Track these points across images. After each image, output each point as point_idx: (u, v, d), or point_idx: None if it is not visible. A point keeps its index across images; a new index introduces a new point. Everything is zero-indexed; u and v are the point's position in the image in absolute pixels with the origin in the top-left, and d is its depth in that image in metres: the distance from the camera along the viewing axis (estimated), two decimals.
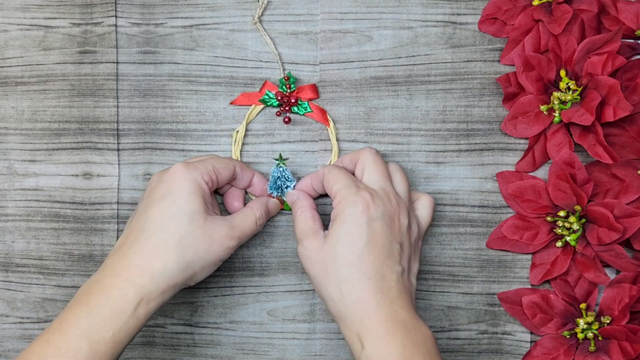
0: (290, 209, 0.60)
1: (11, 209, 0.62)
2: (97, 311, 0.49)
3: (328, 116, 0.61)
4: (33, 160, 0.62)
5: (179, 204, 0.52)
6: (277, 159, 0.60)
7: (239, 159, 0.61)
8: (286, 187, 0.60)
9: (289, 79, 0.60)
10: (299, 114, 0.61)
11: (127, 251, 0.51)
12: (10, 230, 0.62)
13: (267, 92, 0.60)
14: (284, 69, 0.61)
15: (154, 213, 0.52)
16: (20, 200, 0.62)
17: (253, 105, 0.61)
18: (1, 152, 0.62)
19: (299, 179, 0.60)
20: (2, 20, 0.62)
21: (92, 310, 0.49)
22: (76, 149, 0.62)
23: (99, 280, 0.51)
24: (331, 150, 0.61)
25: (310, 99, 0.61)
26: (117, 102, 0.62)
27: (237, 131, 0.61)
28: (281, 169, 0.60)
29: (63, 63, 0.62)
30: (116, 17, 0.61)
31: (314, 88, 0.60)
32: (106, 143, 0.62)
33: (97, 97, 0.62)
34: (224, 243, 0.53)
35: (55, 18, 0.62)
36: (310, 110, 0.60)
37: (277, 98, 0.60)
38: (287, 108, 0.60)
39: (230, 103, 0.61)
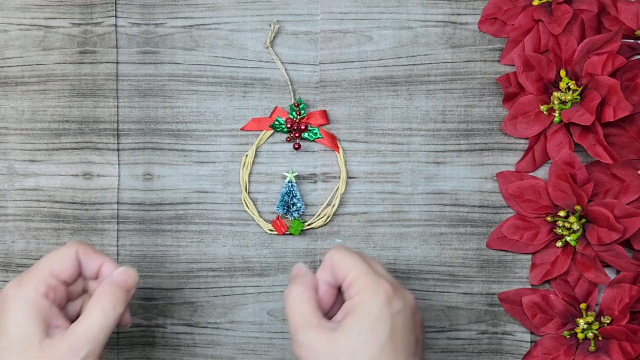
0: (295, 232, 0.60)
1: (11, 209, 0.62)
2: None
3: (338, 142, 0.61)
4: (33, 160, 0.62)
5: (9, 333, 0.45)
6: (287, 172, 0.60)
7: (247, 183, 0.61)
8: (292, 205, 0.60)
9: (299, 105, 0.60)
10: (309, 139, 0.61)
11: None
12: (10, 230, 0.62)
13: (277, 118, 0.60)
14: (294, 94, 0.61)
15: None
16: (20, 200, 0.62)
17: (263, 131, 0.61)
18: (1, 152, 0.62)
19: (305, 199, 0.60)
20: (2, 20, 0.62)
21: None
22: (76, 149, 0.62)
23: None
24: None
25: (320, 125, 0.61)
26: (117, 102, 0.62)
27: (247, 155, 0.61)
28: (290, 184, 0.60)
29: (63, 63, 0.62)
30: (116, 17, 0.61)
31: (324, 114, 0.61)
32: (106, 143, 0.62)
33: (97, 97, 0.62)
34: (70, 359, 0.45)
35: (55, 18, 0.62)
36: (320, 136, 0.60)
37: (287, 125, 0.60)
38: (297, 134, 0.60)
39: (241, 129, 0.61)
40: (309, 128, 0.61)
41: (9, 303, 0.46)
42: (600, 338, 0.59)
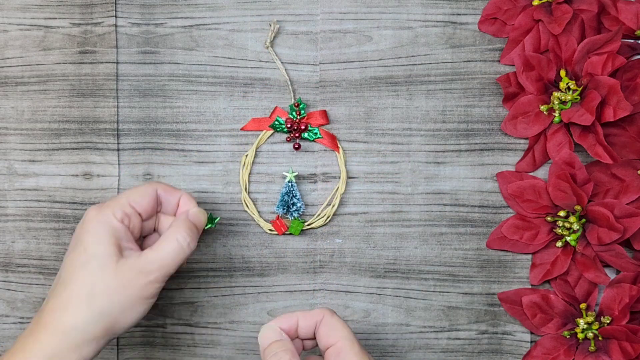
0: (295, 232, 0.60)
1: (11, 209, 0.62)
2: None
3: (338, 142, 0.61)
4: (33, 161, 0.62)
5: (88, 250, 0.49)
6: (287, 173, 0.60)
7: (247, 183, 0.61)
8: (292, 205, 0.60)
9: (299, 105, 0.60)
10: (309, 139, 0.61)
11: (45, 306, 0.49)
12: (10, 231, 0.62)
13: (278, 118, 0.60)
14: (294, 94, 0.61)
15: (67, 263, 0.49)
16: (20, 201, 0.62)
17: (263, 131, 0.61)
18: (1, 152, 0.62)
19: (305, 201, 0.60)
20: (2, 20, 0.62)
21: None
22: (76, 149, 0.62)
23: (19, 339, 0.49)
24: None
25: (321, 125, 0.61)
26: (117, 102, 0.62)
27: (246, 155, 0.61)
28: (290, 184, 0.60)
29: (63, 63, 0.62)
30: (116, 17, 0.61)
31: (324, 114, 0.61)
32: (106, 143, 0.62)
33: (97, 97, 0.62)
34: (140, 280, 0.49)
35: (55, 18, 0.62)
36: (320, 136, 0.60)
37: (287, 125, 0.60)
38: (297, 134, 0.60)
39: (241, 129, 0.61)
40: (309, 128, 0.61)
41: (89, 223, 0.49)
42: (600, 338, 0.59)
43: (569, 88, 0.58)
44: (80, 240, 0.49)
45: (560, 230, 0.59)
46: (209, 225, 0.55)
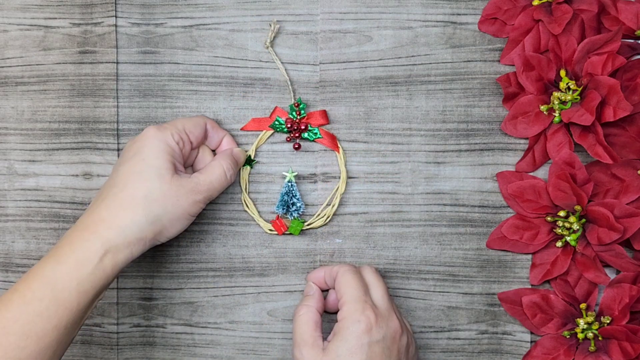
0: (295, 232, 0.60)
1: (11, 209, 0.62)
2: (63, 261, 0.50)
3: (338, 142, 0.61)
4: (33, 160, 0.62)
5: (147, 160, 0.53)
6: (286, 173, 0.60)
7: (247, 182, 0.61)
8: (292, 205, 0.60)
9: (299, 105, 0.60)
10: (309, 139, 0.61)
11: (97, 206, 0.52)
12: (10, 231, 0.62)
13: (277, 118, 0.60)
14: (294, 94, 0.61)
15: (123, 170, 0.53)
16: (20, 201, 0.62)
17: (263, 131, 0.61)
18: (1, 152, 0.62)
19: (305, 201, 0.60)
20: (2, 20, 0.62)
21: (58, 261, 0.50)
22: (76, 149, 0.62)
23: (68, 234, 0.52)
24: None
25: (320, 125, 0.61)
26: (117, 102, 0.62)
27: (247, 155, 0.61)
28: (290, 184, 0.60)
29: (63, 63, 0.62)
30: (116, 17, 0.61)
31: (324, 114, 0.61)
32: (106, 143, 0.62)
33: (97, 97, 0.62)
34: (190, 197, 0.53)
35: (55, 18, 0.62)
36: (320, 136, 0.60)
37: (287, 125, 0.60)
38: (297, 134, 0.60)
39: (241, 129, 0.61)
40: (309, 128, 0.61)
41: (150, 139, 0.54)
42: (600, 338, 0.59)
43: (569, 88, 0.58)
44: (139, 152, 0.53)
45: (560, 230, 0.59)
46: (247, 165, 0.60)
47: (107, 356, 0.62)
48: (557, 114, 0.59)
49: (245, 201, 0.61)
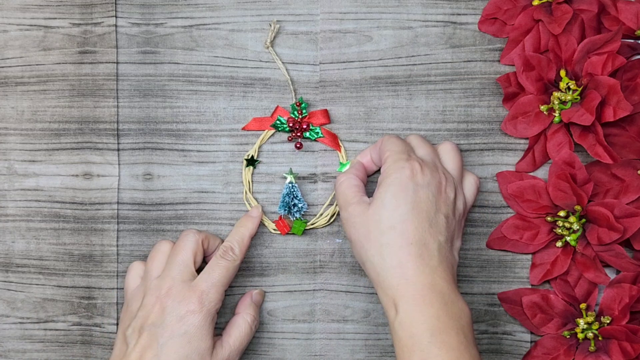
0: (298, 233, 0.60)
1: (11, 209, 0.62)
2: None
3: (339, 141, 0.61)
4: (33, 161, 0.62)
5: (194, 344, 0.53)
6: (287, 174, 0.60)
7: (250, 182, 0.61)
8: (294, 206, 0.60)
9: (300, 105, 0.60)
10: (311, 139, 0.61)
11: None
12: (10, 231, 0.62)
13: (279, 117, 0.60)
14: (295, 94, 0.61)
15: (170, 350, 0.52)
16: (20, 201, 0.62)
17: (265, 131, 0.61)
18: (1, 152, 0.62)
19: (308, 202, 0.60)
20: (2, 20, 0.62)
21: None
22: (76, 149, 0.62)
23: None
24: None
25: (322, 124, 0.61)
26: (117, 102, 0.62)
27: (249, 155, 0.61)
28: (291, 185, 0.60)
29: (63, 63, 0.62)
30: (116, 17, 0.61)
31: (326, 113, 0.61)
32: (106, 143, 0.62)
33: (97, 97, 0.62)
34: None
35: (55, 18, 0.62)
36: (321, 135, 0.60)
37: (288, 124, 0.60)
38: (298, 134, 0.60)
39: (242, 129, 0.61)
40: (311, 127, 0.61)
41: (198, 318, 0.53)
42: (600, 338, 0.59)
43: (569, 88, 0.58)
44: (186, 333, 0.53)
45: (560, 230, 0.59)
46: (250, 166, 0.61)
47: (107, 356, 0.62)
48: (557, 114, 0.59)
49: (248, 201, 0.61)
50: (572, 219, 0.58)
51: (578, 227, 0.58)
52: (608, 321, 0.59)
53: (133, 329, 0.54)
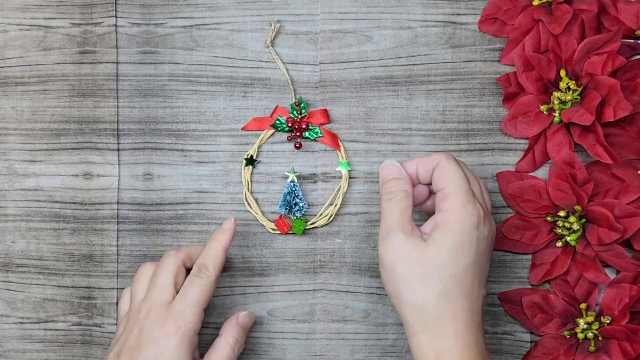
0: (298, 232, 0.60)
1: (11, 209, 0.62)
2: None
3: (339, 141, 0.61)
4: (33, 161, 0.62)
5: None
6: (289, 172, 0.60)
7: (250, 182, 0.61)
8: (295, 205, 0.60)
9: (299, 104, 0.60)
10: (310, 139, 0.61)
11: None
12: (10, 231, 0.62)
13: (278, 117, 0.60)
14: (295, 94, 0.61)
15: None
16: (20, 201, 0.62)
17: (264, 131, 0.61)
18: (1, 152, 0.62)
19: (308, 202, 0.60)
20: (2, 20, 0.62)
21: None
22: (76, 149, 0.62)
23: None
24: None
25: (322, 124, 0.61)
26: (117, 102, 0.62)
27: (249, 154, 0.61)
28: (292, 184, 0.60)
29: (63, 63, 0.62)
30: (116, 17, 0.61)
31: (325, 113, 0.61)
32: (106, 143, 0.62)
33: (97, 97, 0.62)
34: None
35: (55, 18, 0.62)
36: (321, 135, 0.60)
37: (287, 124, 0.60)
38: (298, 134, 0.60)
39: (242, 129, 0.61)
40: (310, 127, 0.61)
41: (175, 347, 0.52)
42: (600, 338, 0.59)
43: (569, 88, 0.58)
44: (162, 354, 0.52)
45: (560, 230, 0.59)
46: (249, 166, 0.60)
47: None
48: (557, 114, 0.59)
49: (247, 201, 0.61)
50: (572, 219, 0.58)
51: (578, 227, 0.58)
52: (608, 321, 0.59)
53: (114, 354, 0.53)
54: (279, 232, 0.61)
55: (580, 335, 0.59)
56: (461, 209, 0.49)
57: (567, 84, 0.58)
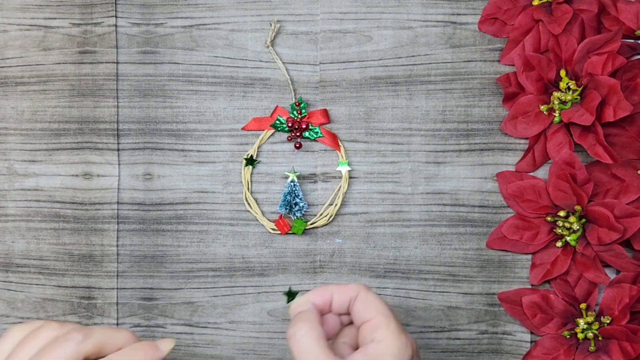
0: (298, 232, 0.60)
1: (11, 209, 0.62)
2: None
3: (339, 141, 0.61)
4: (33, 161, 0.62)
5: None
6: (289, 172, 0.60)
7: (250, 182, 0.61)
8: (295, 204, 0.60)
9: (299, 104, 0.60)
10: (310, 139, 0.61)
11: None
12: (10, 231, 0.62)
13: (278, 117, 0.60)
14: (295, 94, 0.61)
15: None
16: (20, 201, 0.62)
17: (264, 131, 0.61)
18: (1, 152, 0.62)
19: (308, 201, 0.60)
20: (2, 20, 0.62)
21: None
22: (76, 149, 0.62)
23: None
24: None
25: (321, 124, 0.61)
26: (117, 102, 0.62)
27: (249, 154, 0.61)
28: (292, 183, 0.60)
29: (63, 63, 0.62)
30: (116, 17, 0.61)
31: (325, 113, 0.61)
32: (106, 143, 0.62)
33: (97, 97, 0.62)
34: None
35: (55, 18, 0.62)
36: (321, 135, 0.61)
37: (287, 124, 0.60)
38: (298, 134, 0.60)
39: (242, 128, 0.61)
40: (310, 127, 0.61)
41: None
42: (600, 338, 0.59)
43: (569, 88, 0.58)
44: None
45: (560, 230, 0.59)
46: (249, 165, 0.59)
47: None
48: (557, 114, 0.59)
49: (247, 200, 0.61)
50: (572, 219, 0.58)
51: (578, 227, 0.58)
52: (608, 321, 0.59)
53: None
54: (279, 232, 0.61)
55: (580, 335, 0.59)
56: (396, 340, 0.46)
57: (567, 84, 0.58)
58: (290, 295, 0.57)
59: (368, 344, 0.46)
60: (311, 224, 0.61)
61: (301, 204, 0.60)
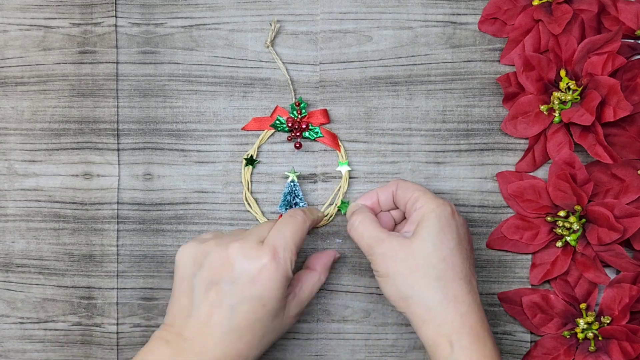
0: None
1: (11, 209, 0.62)
2: None
3: (339, 141, 0.61)
4: (33, 161, 0.62)
5: (268, 306, 0.50)
6: (289, 172, 0.60)
7: (250, 182, 0.61)
8: (295, 205, 0.60)
9: (299, 104, 0.60)
10: (310, 139, 0.61)
11: (212, 348, 0.50)
12: (10, 231, 0.62)
13: (278, 117, 0.60)
14: (295, 94, 0.61)
15: (243, 314, 0.50)
16: (20, 201, 0.62)
17: (264, 131, 0.61)
18: (1, 152, 0.62)
19: (308, 202, 0.60)
20: (2, 20, 0.62)
21: None
22: (76, 149, 0.62)
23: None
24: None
25: (322, 124, 0.61)
26: (117, 102, 0.62)
27: (249, 154, 0.61)
28: (292, 184, 0.60)
29: (63, 63, 0.62)
30: (116, 17, 0.61)
31: (325, 113, 0.61)
32: (106, 143, 0.62)
33: (97, 97, 0.62)
34: (294, 321, 0.54)
35: (55, 18, 0.62)
36: (321, 135, 0.61)
37: (287, 124, 0.60)
38: (298, 134, 0.60)
39: (242, 128, 0.61)
40: (310, 127, 0.61)
41: (273, 281, 0.50)
42: (600, 338, 0.59)
43: (569, 88, 0.58)
44: (260, 296, 0.50)
45: (560, 230, 0.59)
46: (249, 165, 0.61)
47: (107, 356, 0.62)
48: (557, 114, 0.59)
49: (247, 200, 0.61)
50: (572, 219, 0.58)
51: (578, 227, 0.58)
52: (608, 321, 0.59)
53: (200, 279, 0.50)
54: None
55: (580, 335, 0.59)
56: (433, 200, 0.53)
57: (567, 84, 0.58)
58: (344, 204, 0.60)
59: (412, 214, 0.54)
60: None
61: (301, 204, 0.60)
